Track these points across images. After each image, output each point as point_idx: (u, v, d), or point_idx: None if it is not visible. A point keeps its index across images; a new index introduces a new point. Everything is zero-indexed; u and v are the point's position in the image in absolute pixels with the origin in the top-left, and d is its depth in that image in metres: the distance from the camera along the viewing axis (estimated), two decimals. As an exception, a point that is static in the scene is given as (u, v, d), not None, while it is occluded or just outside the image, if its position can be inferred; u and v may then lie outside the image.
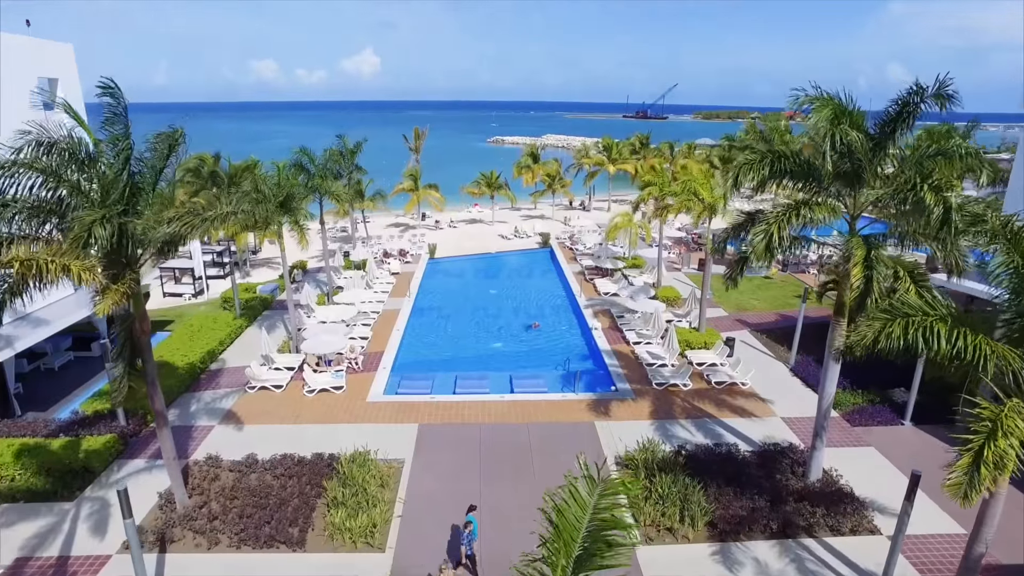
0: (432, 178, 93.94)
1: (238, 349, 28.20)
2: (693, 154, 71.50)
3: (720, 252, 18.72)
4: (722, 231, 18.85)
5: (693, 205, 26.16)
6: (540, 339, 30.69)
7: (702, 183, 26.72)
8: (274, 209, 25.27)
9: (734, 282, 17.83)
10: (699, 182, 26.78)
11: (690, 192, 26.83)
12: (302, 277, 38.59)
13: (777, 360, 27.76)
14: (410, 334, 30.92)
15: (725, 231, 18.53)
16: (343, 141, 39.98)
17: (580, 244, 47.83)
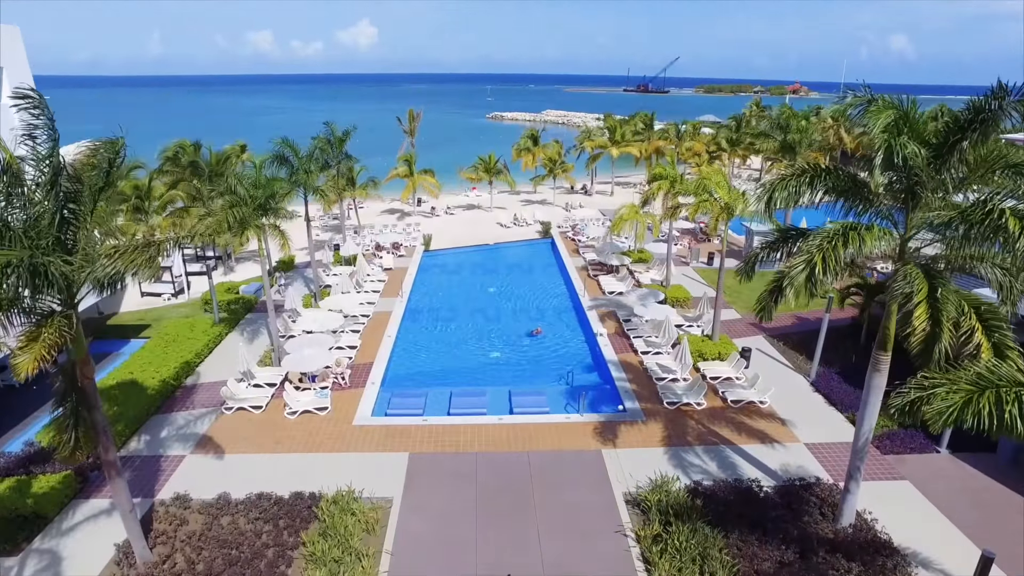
0: (429, 158, 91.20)
1: (217, 360, 26.21)
2: (699, 135, 68.85)
3: (748, 275, 16.46)
4: (751, 250, 16.67)
5: (710, 205, 23.96)
6: (542, 347, 28.71)
7: (719, 180, 24.45)
8: (250, 212, 23.04)
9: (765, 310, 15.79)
10: (716, 179, 24.52)
11: (705, 190, 24.60)
12: (283, 282, 36.28)
13: (796, 372, 25.83)
14: (402, 341, 28.92)
15: (753, 252, 16.37)
16: (331, 128, 37.48)
17: (583, 235, 45.58)
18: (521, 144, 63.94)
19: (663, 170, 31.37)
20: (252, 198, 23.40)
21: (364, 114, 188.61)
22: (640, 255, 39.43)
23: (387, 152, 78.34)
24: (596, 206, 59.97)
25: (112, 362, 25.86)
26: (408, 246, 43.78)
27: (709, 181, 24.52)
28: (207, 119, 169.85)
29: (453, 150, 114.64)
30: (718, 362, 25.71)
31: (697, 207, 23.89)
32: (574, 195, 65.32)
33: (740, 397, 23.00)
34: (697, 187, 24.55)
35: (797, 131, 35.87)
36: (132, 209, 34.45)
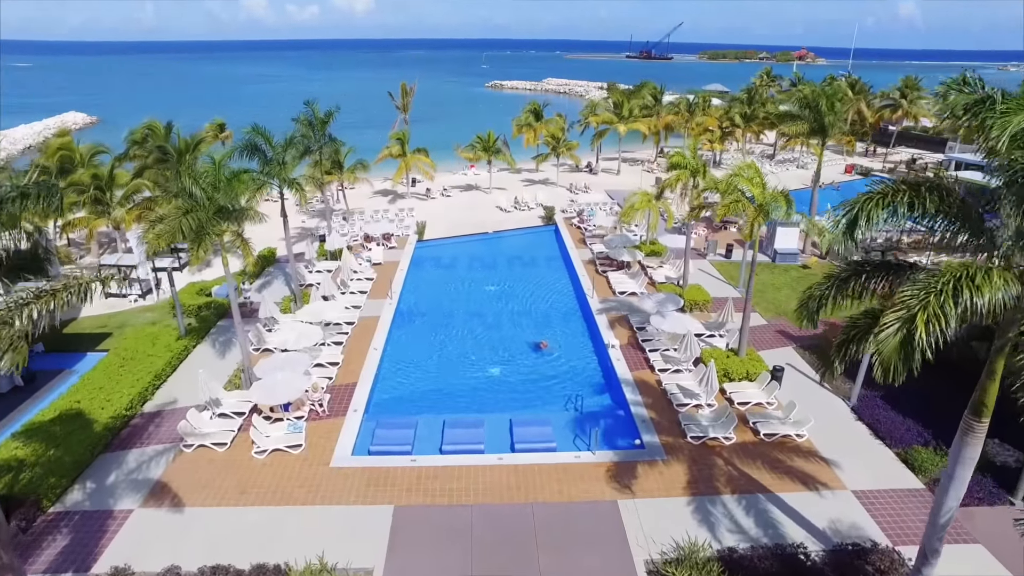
0: (424, 133, 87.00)
1: (181, 380, 23.25)
2: (709, 109, 64.82)
3: (812, 320, 13.36)
4: (814, 289, 13.53)
5: (743, 207, 20.68)
6: (546, 363, 25.73)
7: (752, 176, 21.12)
8: (208, 218, 19.76)
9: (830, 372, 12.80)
10: (748, 175, 21.18)
11: (737, 189, 21.30)
12: (248, 293, 33.10)
13: (834, 394, 22.89)
14: (390, 356, 25.92)
15: (817, 291, 13.22)
16: (312, 109, 33.83)
17: (589, 223, 42.22)
18: (522, 119, 60.02)
19: (681, 158, 27.93)
20: (210, 200, 20.10)
21: (360, 83, 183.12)
22: (653, 247, 36.19)
23: (381, 126, 74.30)
24: (602, 187, 56.43)
25: (61, 383, 22.90)
26: (400, 235, 40.49)
27: (740, 177, 21.19)
28: (196, 89, 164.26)
29: (450, 123, 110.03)
30: (746, 383, 22.78)
31: (727, 208, 20.63)
32: (578, 174, 61.67)
33: (774, 430, 20.09)
34: (727, 185, 21.22)
35: (830, 112, 32.23)
36: (91, 201, 31.13)
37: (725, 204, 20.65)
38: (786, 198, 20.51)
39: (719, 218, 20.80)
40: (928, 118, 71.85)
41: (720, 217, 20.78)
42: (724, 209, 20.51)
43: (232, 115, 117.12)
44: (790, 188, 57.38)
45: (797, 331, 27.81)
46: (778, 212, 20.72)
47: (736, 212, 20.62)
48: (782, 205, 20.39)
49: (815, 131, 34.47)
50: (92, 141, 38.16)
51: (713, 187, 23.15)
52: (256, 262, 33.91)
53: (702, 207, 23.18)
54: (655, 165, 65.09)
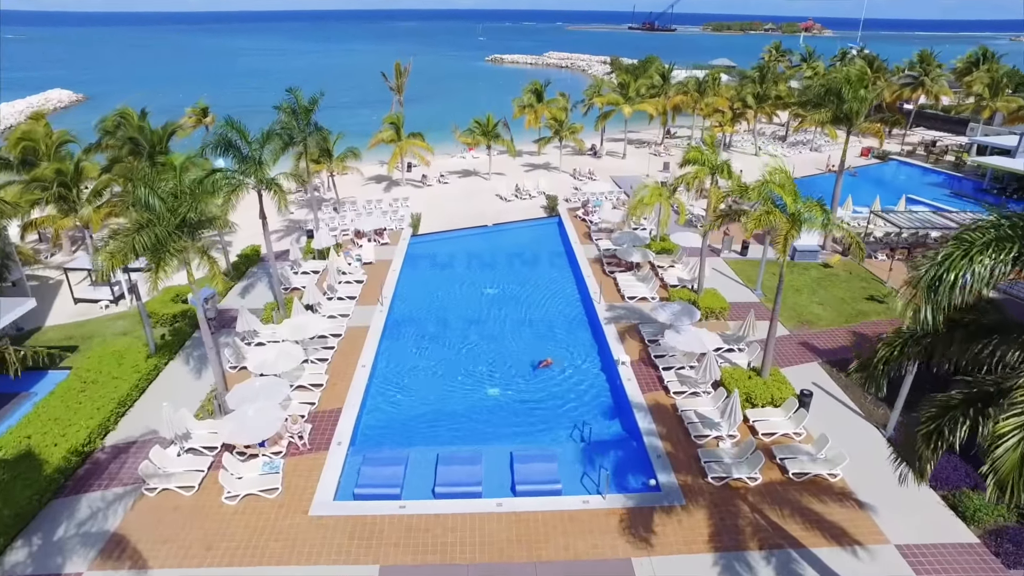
0: (422, 111, 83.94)
1: (149, 406, 21.10)
2: (720, 86, 61.70)
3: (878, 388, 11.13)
4: (880, 349, 11.28)
5: (774, 219, 18.23)
6: (550, 381, 23.56)
7: (784, 182, 18.66)
8: (168, 233, 17.40)
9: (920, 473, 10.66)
10: (780, 180, 18.71)
11: (769, 198, 18.84)
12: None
13: (867, 421, 20.79)
14: (379, 374, 23.79)
15: (884, 351, 10.97)
16: (295, 96, 31.12)
17: (595, 214, 39.72)
18: (523, 100, 56.99)
19: (699, 153, 25.41)
20: (172, 212, 17.71)
21: (354, 56, 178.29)
22: (663, 244, 33.80)
23: (375, 104, 71.35)
24: (607, 172, 53.76)
25: (13, 411, 20.78)
26: (394, 229, 38.06)
27: (772, 183, 18.71)
28: (189, 63, 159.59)
29: (448, 101, 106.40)
30: (771, 409, 20.67)
31: (757, 221, 18.21)
32: (582, 157, 58.87)
33: (805, 470, 18.01)
34: (759, 191, 18.74)
35: (856, 99, 29.52)
36: (56, 198, 28.67)
37: (755, 217, 18.24)
38: (822, 208, 18.06)
39: (748, 233, 18.34)
40: (949, 96, 68.57)
41: (750, 233, 18.35)
42: (754, 222, 18.13)
43: (223, 92, 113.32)
44: (805, 174, 55.29)
45: (823, 343, 25.65)
46: (813, 223, 18.32)
47: (767, 225, 18.23)
48: (817, 216, 17.97)
49: (838, 119, 31.81)
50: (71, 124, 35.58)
51: (739, 193, 20.67)
52: (237, 264, 31.64)
53: (726, 216, 20.75)
54: (662, 148, 62.24)
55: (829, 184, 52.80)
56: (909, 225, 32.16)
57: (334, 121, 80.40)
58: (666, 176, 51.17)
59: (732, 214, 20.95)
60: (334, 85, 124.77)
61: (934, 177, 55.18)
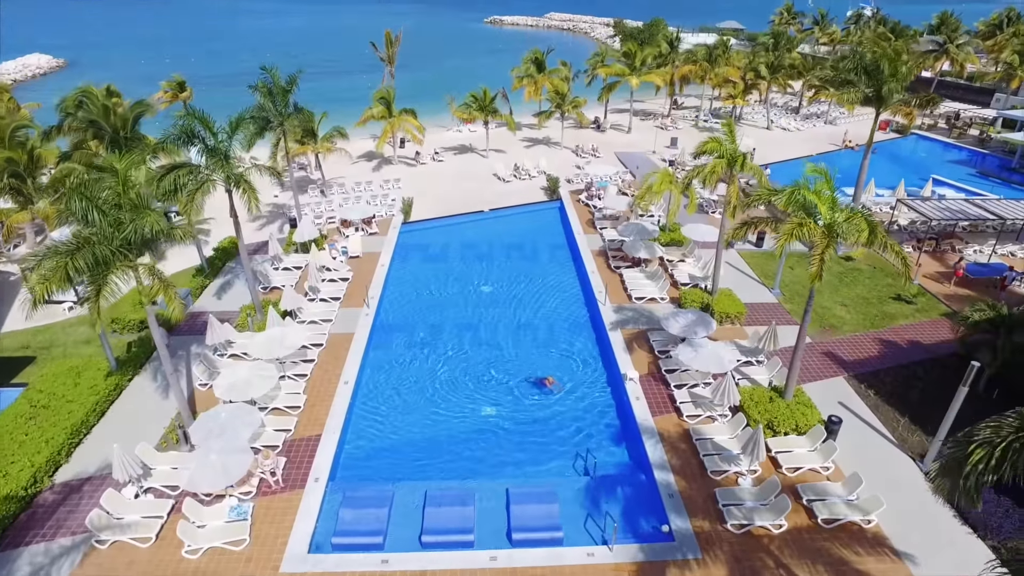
0: (416, 79, 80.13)
1: (108, 432, 19.11)
2: (730, 57, 58.17)
3: (974, 502, 8.98)
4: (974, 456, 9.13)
5: (807, 232, 15.78)
6: (550, 399, 21.47)
7: (820, 191, 16.18)
8: (112, 252, 15.07)
9: None
10: (817, 189, 16.23)
11: (800, 206, 16.37)
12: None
13: (899, 449, 18.82)
14: (363, 392, 21.71)
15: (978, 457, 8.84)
16: (271, 75, 28.23)
17: (598, 197, 37.15)
18: (523, 70, 53.61)
19: (717, 144, 22.81)
20: (116, 226, 15.33)
21: (345, 17, 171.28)
22: (672, 235, 31.38)
23: (374, 71, 67.42)
24: (611, 147, 50.87)
25: (-42, 440, 18.75)
26: (384, 216, 35.55)
27: (806, 190, 16.23)
28: (176, 24, 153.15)
29: (444, 66, 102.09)
30: (795, 438, 18.66)
31: (789, 235, 15.78)
32: (584, 131, 55.80)
33: (836, 515, 16.08)
34: (789, 201, 16.25)
35: (892, 78, 26.74)
36: (8, 190, 26.17)
37: (786, 231, 15.86)
38: (868, 223, 15.60)
39: (779, 249, 15.96)
40: (976, 64, 64.66)
41: (780, 248, 15.97)
42: (786, 236, 15.75)
43: (212, 58, 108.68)
44: (820, 150, 52.35)
45: (848, 353, 23.56)
46: (853, 234, 15.93)
47: (800, 238, 15.85)
48: (862, 228, 15.52)
49: (869, 99, 29.03)
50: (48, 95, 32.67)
51: (766, 198, 18.19)
52: (213, 259, 29.31)
53: (750, 226, 18.27)
54: (669, 120, 59.06)
55: (846, 161, 50.30)
56: (941, 216, 29.63)
57: (328, 88, 76.85)
58: (674, 152, 48.35)
59: (756, 222, 18.49)
60: (330, 48, 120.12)
61: (957, 153, 52.27)
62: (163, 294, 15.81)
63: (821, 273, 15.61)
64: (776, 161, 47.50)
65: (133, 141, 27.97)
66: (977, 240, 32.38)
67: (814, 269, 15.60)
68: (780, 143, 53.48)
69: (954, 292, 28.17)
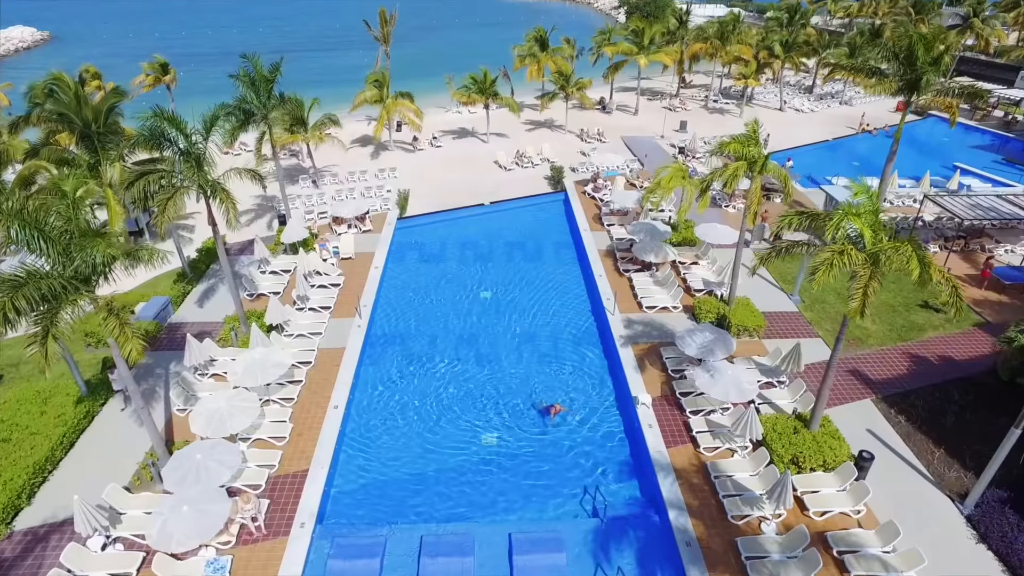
0: (413, 55, 77.18)
1: (75, 470, 17.65)
2: (743, 34, 55.37)
3: None
4: None
5: (849, 262, 13.91)
6: (556, 429, 19.90)
7: (866, 215, 14.32)
8: (63, 286, 13.34)
9: None
10: (859, 211, 14.36)
11: (844, 233, 14.46)
12: (171, 315, 26.83)
13: (938, 490, 17.29)
14: (355, 418, 20.17)
15: None
16: (252, 63, 26.05)
17: (606, 190, 35.17)
18: (525, 48, 51.11)
19: (738, 145, 20.85)
20: (64, 255, 13.58)
21: None
22: (685, 234, 29.53)
23: (369, 45, 64.63)
24: (617, 131, 48.61)
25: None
26: (378, 210, 33.63)
27: (850, 214, 14.30)
28: None
29: (443, 38, 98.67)
30: (823, 476, 17.15)
31: (828, 268, 13.89)
32: (589, 112, 53.40)
33: (871, 572, 14.63)
34: (835, 226, 14.27)
35: (930, 66, 24.60)
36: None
37: (823, 259, 14.00)
38: (918, 256, 13.75)
39: (817, 284, 14.05)
40: (1003, 39, 61.46)
41: (818, 284, 14.11)
42: (825, 271, 13.84)
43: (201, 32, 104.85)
44: (837, 134, 49.96)
45: (876, 371, 21.96)
46: (901, 264, 14.11)
47: (841, 267, 13.96)
48: (912, 266, 13.66)
49: (902, 89, 26.89)
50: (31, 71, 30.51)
51: (801, 223, 16.29)
52: (196, 262, 27.55)
53: (781, 251, 16.40)
54: (678, 101, 56.55)
55: (864, 146, 48.05)
56: (972, 216, 27.73)
57: (322, 66, 73.82)
58: (684, 137, 46.13)
59: (785, 248, 16.66)
60: (325, 22, 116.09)
61: (979, 137, 49.93)
62: (118, 335, 14.10)
63: (864, 310, 13.85)
64: (791, 147, 45.32)
65: (107, 135, 25.94)
66: (1009, 238, 30.49)
67: (855, 304, 13.85)
68: (794, 125, 51.16)
69: (984, 297, 26.45)
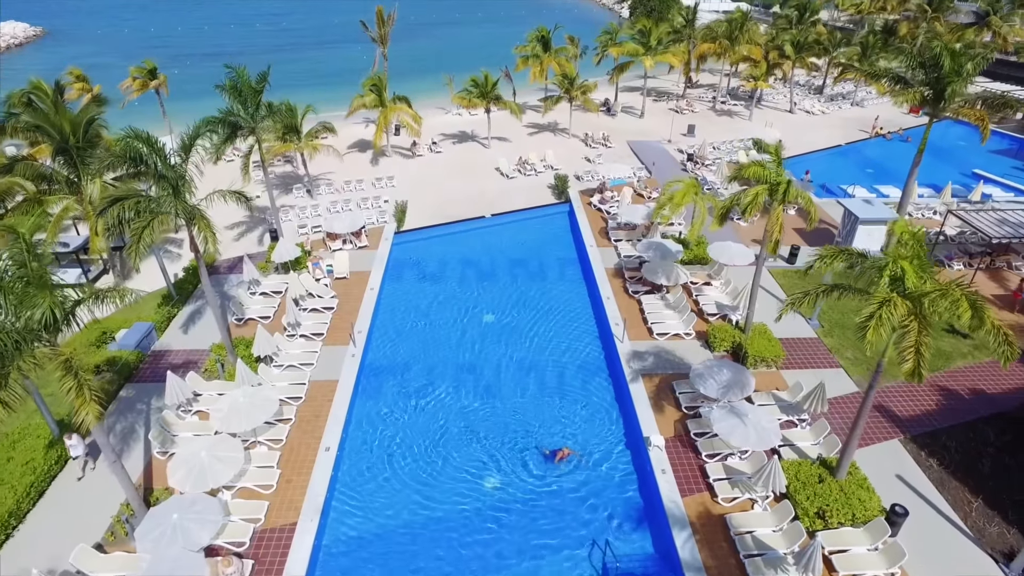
0: (413, 52, 75.34)
1: (43, 526, 16.36)
2: (752, 33, 53.69)
3: None
4: None
5: (895, 310, 12.46)
6: (562, 475, 18.55)
7: (912, 254, 12.87)
8: (14, 342, 11.98)
9: None
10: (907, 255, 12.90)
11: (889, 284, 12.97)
12: (154, 342, 25.57)
13: (979, 548, 15.95)
14: (347, 461, 18.83)
15: None
16: (238, 74, 24.58)
17: (613, 202, 33.73)
18: (528, 48, 49.51)
19: (760, 168, 19.39)
20: (17, 308, 12.21)
21: None
22: (696, 252, 28.12)
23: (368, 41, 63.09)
24: (623, 135, 47.10)
25: None
26: (375, 224, 32.20)
27: (902, 261, 12.76)
28: None
29: (443, 36, 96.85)
30: (852, 532, 15.82)
31: (879, 321, 12.33)
32: (593, 114, 51.78)
33: (912, 650, 13.33)
34: (884, 271, 12.75)
35: (956, 77, 23.14)
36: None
37: (870, 313, 12.56)
38: (970, 301, 12.35)
39: (870, 346, 12.51)
40: (1021, 36, 59.62)
41: (871, 346, 12.59)
42: (875, 330, 12.33)
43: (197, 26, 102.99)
44: (849, 138, 48.35)
45: (903, 406, 20.59)
46: (949, 314, 12.71)
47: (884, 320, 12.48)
48: (963, 308, 12.24)
49: (927, 100, 25.40)
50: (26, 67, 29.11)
51: (838, 263, 14.84)
52: (185, 278, 26.21)
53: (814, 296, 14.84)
54: (684, 103, 54.94)
55: (878, 151, 46.52)
56: (1001, 234, 26.27)
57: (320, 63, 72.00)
58: (692, 142, 44.63)
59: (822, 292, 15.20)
60: (324, 17, 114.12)
61: (997, 141, 48.22)
62: (75, 396, 12.77)
63: (921, 372, 12.41)
64: (803, 153, 43.82)
65: (86, 149, 24.59)
66: (1033, 254, 29.07)
67: (909, 367, 12.43)
68: (804, 128, 49.57)
69: (1016, 322, 25.03)
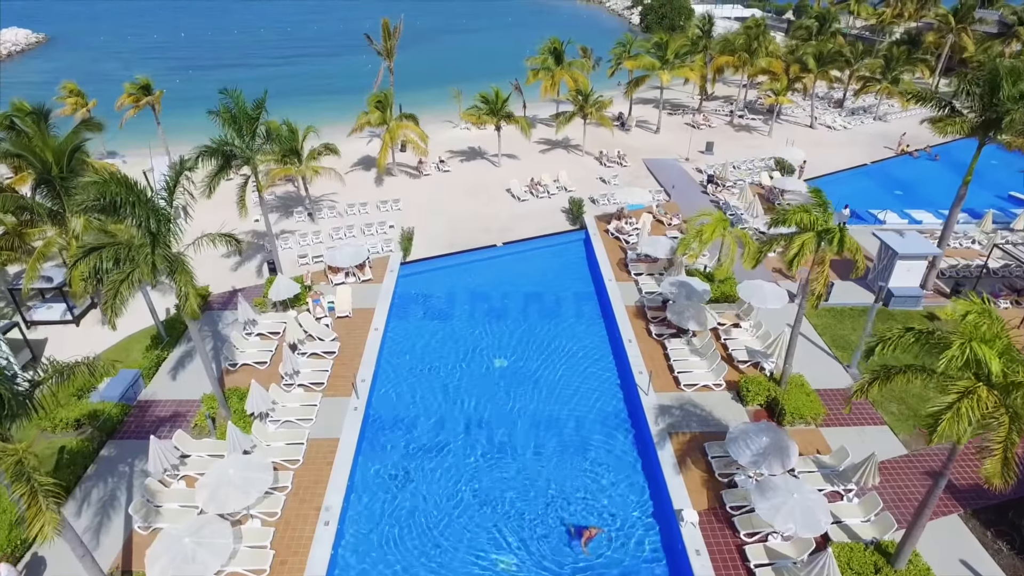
0: (419, 62, 73.56)
1: (11, 610, 14.67)
2: (772, 45, 51.82)
3: None
4: None
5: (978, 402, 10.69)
6: (584, 559, 16.77)
7: (996, 343, 11.05)
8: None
9: None
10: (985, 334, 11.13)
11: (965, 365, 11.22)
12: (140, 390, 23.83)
13: (1059, 654, 14.08)
14: (348, 535, 17.05)
15: None
16: (233, 99, 22.87)
17: (632, 231, 31.88)
18: (540, 61, 47.72)
19: (807, 213, 17.57)
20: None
21: None
22: (722, 288, 26.30)
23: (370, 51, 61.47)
24: (638, 152, 45.30)
25: None
26: (379, 254, 30.45)
27: (980, 346, 10.98)
28: None
29: (450, 43, 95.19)
30: (918, 638, 13.96)
31: (957, 414, 10.64)
32: (606, 130, 49.92)
33: None
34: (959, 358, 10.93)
35: (1016, 102, 21.21)
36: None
37: (948, 404, 10.77)
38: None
39: (939, 438, 10.81)
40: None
41: (940, 438, 10.89)
42: (950, 423, 10.69)
43: (200, 32, 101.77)
44: (875, 156, 46.24)
45: (961, 475, 18.66)
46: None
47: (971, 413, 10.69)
48: None
49: (977, 128, 23.50)
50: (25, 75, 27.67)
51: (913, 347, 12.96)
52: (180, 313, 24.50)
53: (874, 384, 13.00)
54: (701, 117, 53.06)
55: (906, 171, 44.51)
56: None
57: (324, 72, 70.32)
58: (711, 161, 42.79)
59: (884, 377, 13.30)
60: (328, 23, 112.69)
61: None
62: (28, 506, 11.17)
63: (1008, 476, 10.64)
64: (827, 173, 41.92)
65: (70, 179, 22.94)
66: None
67: (994, 468, 10.62)
68: (826, 145, 47.62)
69: (1071, 371, 23.06)
